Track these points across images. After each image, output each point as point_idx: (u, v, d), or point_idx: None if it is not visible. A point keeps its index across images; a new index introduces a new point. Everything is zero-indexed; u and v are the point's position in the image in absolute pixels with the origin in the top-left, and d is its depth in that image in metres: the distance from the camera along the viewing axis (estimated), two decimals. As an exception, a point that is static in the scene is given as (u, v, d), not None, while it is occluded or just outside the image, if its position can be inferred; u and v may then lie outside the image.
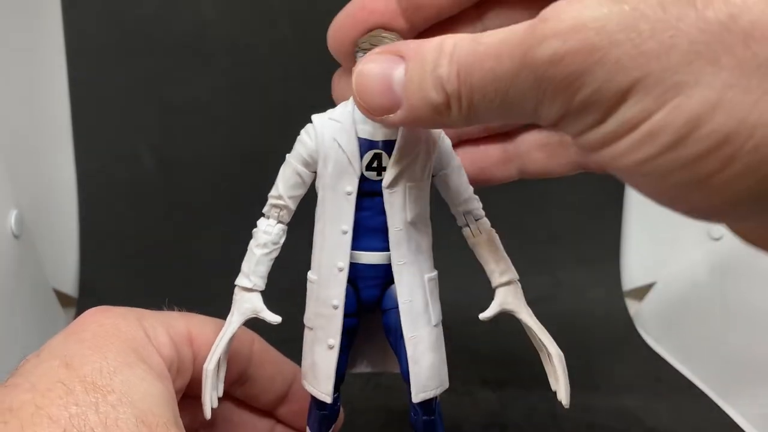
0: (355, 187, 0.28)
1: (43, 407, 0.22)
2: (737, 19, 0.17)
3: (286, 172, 0.29)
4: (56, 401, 0.22)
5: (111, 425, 0.22)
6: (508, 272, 0.29)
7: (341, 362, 0.29)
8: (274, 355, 0.34)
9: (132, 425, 0.23)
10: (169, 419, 0.24)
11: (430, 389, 0.29)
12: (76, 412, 0.22)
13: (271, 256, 0.29)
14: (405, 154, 0.27)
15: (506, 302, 0.29)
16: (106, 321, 0.27)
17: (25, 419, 0.21)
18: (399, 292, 0.28)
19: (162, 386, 0.26)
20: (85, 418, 0.22)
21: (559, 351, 0.29)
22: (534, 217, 0.65)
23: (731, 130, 0.18)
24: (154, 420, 0.23)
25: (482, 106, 0.22)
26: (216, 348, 0.29)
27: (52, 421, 0.22)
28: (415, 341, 0.28)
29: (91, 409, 0.22)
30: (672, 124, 0.18)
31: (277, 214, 0.29)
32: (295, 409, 0.34)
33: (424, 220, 0.29)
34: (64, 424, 0.22)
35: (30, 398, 0.22)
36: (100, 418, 0.22)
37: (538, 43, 0.19)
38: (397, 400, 0.39)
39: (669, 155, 0.19)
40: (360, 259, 0.28)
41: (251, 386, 0.33)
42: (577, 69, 0.19)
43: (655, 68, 0.18)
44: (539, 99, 0.20)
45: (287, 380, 0.34)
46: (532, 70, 0.20)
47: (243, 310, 0.29)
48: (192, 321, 0.31)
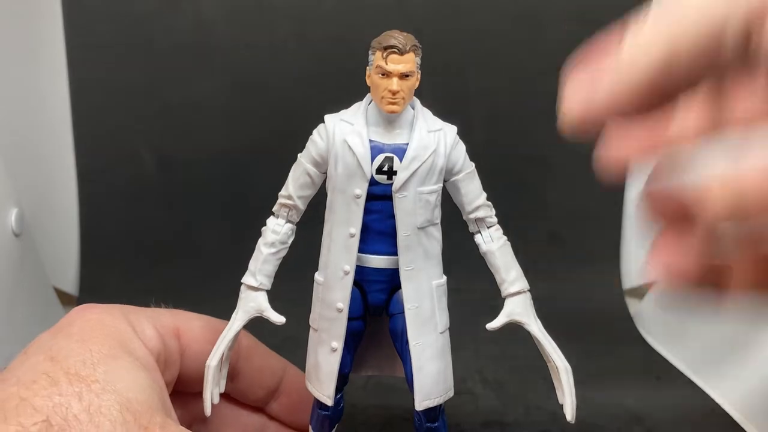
0: (364, 191, 0.27)
1: (27, 398, 0.22)
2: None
3: (296, 171, 0.29)
4: (40, 392, 0.23)
5: (94, 412, 0.23)
6: (518, 282, 0.29)
7: (345, 364, 0.29)
8: (263, 349, 0.34)
9: (116, 412, 0.23)
10: (155, 406, 0.25)
11: (434, 397, 0.29)
12: (60, 401, 0.22)
13: (278, 255, 0.29)
14: (417, 159, 0.27)
15: (515, 313, 0.29)
16: (92, 316, 0.27)
17: (9, 410, 0.22)
18: (405, 297, 0.28)
19: (148, 376, 0.26)
20: (69, 406, 0.22)
21: (566, 365, 0.29)
22: (534, 216, 0.64)
23: None
24: (139, 407, 0.24)
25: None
26: (219, 344, 0.29)
27: (36, 410, 0.22)
28: (420, 348, 0.28)
29: (75, 398, 0.23)
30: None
31: (287, 213, 0.29)
32: (286, 404, 0.34)
33: (434, 225, 0.28)
34: (48, 413, 0.22)
35: (15, 391, 0.23)
36: (83, 405, 0.23)
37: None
38: (398, 399, 0.39)
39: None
40: (367, 262, 0.28)
41: (240, 381, 0.33)
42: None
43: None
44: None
45: (276, 374, 0.34)
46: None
47: (248, 308, 0.29)
48: (179, 317, 0.31)
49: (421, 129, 0.28)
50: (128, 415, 0.23)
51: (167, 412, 0.26)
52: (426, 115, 0.28)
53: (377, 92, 0.27)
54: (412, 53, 0.27)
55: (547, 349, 0.29)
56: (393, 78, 0.27)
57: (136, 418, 0.23)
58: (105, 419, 0.23)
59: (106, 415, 0.23)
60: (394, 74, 0.26)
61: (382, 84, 0.27)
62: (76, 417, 0.22)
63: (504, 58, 0.64)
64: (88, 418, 0.22)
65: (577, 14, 0.63)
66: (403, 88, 0.27)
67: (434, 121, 0.28)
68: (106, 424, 0.22)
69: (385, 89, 0.27)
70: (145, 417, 0.24)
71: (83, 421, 0.22)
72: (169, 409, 0.26)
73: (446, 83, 0.60)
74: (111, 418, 0.23)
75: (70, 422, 0.22)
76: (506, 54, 0.64)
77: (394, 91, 0.27)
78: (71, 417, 0.22)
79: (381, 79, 0.27)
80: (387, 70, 0.26)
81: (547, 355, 0.29)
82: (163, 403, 0.26)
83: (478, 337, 0.50)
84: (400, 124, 0.28)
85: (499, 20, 0.63)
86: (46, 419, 0.22)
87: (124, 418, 0.23)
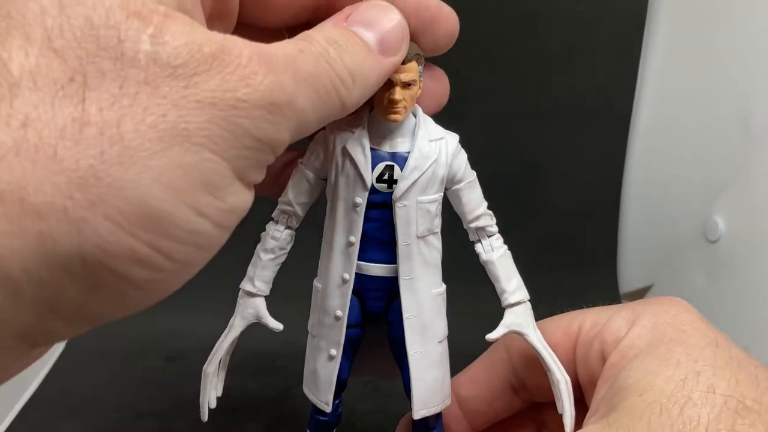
0: (364, 199, 0.27)
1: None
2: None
3: (295, 177, 0.29)
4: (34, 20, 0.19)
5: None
6: (518, 292, 0.29)
7: (343, 371, 0.29)
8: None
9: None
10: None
11: (432, 406, 0.29)
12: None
13: (277, 261, 0.29)
14: (418, 168, 0.27)
15: (515, 323, 0.29)
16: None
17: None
18: (404, 306, 0.28)
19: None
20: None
21: (566, 377, 0.29)
22: (531, 220, 0.64)
23: None
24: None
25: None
26: (216, 351, 0.29)
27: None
28: (418, 357, 0.28)
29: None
30: None
31: (286, 219, 0.29)
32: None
33: (434, 234, 0.28)
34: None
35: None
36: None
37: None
38: (395, 403, 0.38)
39: None
40: (366, 270, 0.28)
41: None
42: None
43: None
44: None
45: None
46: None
47: (245, 314, 0.29)
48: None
49: (423, 138, 0.28)
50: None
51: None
52: (428, 123, 0.28)
53: (379, 101, 0.27)
54: (415, 62, 0.27)
55: (547, 361, 0.29)
56: (396, 87, 0.26)
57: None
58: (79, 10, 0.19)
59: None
60: (397, 83, 0.26)
61: (385, 93, 0.27)
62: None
63: (503, 61, 0.64)
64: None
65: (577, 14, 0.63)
66: (406, 97, 0.27)
67: (436, 129, 0.28)
68: (77, 11, 0.19)
69: (388, 98, 0.27)
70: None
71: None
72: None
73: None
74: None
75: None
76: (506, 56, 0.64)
77: (397, 101, 0.26)
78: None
79: (384, 89, 0.26)
80: (390, 79, 0.26)
81: (546, 366, 0.29)
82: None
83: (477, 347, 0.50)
84: (401, 132, 0.28)
85: (499, 23, 0.63)
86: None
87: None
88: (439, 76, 0.30)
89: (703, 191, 0.55)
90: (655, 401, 0.23)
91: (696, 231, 0.57)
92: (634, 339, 0.27)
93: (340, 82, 0.23)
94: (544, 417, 0.33)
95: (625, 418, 0.23)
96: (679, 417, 0.22)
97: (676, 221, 0.58)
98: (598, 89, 0.65)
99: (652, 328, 0.27)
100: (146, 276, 0.19)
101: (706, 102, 0.56)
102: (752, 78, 0.51)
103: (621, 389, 0.25)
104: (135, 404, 0.49)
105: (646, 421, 0.22)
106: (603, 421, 0.24)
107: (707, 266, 0.56)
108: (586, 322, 0.30)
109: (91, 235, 0.18)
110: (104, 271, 0.19)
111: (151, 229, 0.19)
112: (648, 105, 0.62)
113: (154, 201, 0.19)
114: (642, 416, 0.23)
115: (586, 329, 0.29)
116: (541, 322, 0.30)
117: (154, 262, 0.19)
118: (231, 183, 0.21)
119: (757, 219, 0.50)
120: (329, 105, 0.23)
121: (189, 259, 0.21)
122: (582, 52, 0.64)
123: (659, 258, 0.62)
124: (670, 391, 0.23)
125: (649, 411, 0.23)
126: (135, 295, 0.20)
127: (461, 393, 0.32)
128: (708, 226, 0.54)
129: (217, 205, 0.20)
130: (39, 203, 0.17)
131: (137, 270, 0.19)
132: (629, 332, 0.27)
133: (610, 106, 0.64)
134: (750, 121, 0.51)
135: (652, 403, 0.23)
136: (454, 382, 0.31)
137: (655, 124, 0.62)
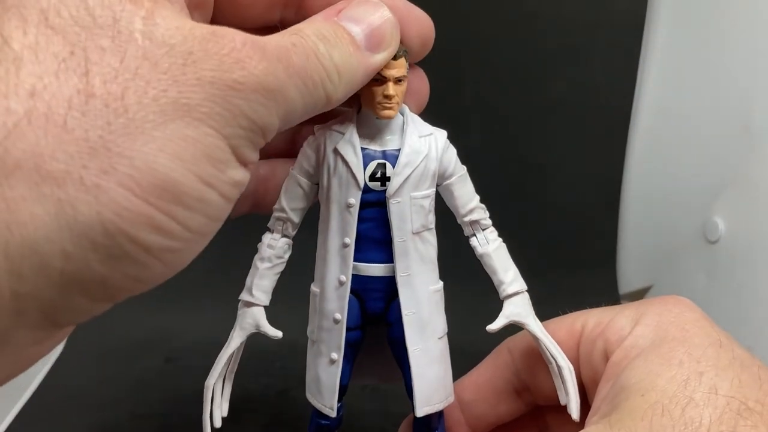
0: (357, 200, 0.27)
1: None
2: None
3: (288, 184, 0.29)
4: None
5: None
6: (515, 283, 0.29)
7: (344, 375, 0.29)
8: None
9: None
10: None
11: (434, 403, 0.29)
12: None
13: (275, 270, 0.29)
14: (410, 164, 0.27)
15: (514, 313, 0.29)
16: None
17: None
18: (403, 304, 0.28)
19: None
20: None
21: (569, 364, 0.29)
22: (530, 221, 0.64)
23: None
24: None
25: None
26: (217, 364, 0.28)
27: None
28: (418, 353, 0.28)
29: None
30: None
31: (281, 227, 0.29)
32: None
33: (429, 230, 0.28)
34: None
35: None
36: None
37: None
38: (395, 405, 0.38)
39: None
40: (363, 271, 0.28)
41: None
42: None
43: None
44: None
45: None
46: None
47: (244, 325, 0.29)
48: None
49: (412, 134, 0.28)
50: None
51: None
52: (416, 120, 0.29)
53: (372, 99, 0.27)
54: (403, 58, 0.27)
55: (549, 348, 0.29)
56: (389, 83, 0.27)
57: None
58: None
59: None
60: (390, 79, 0.27)
61: (378, 90, 0.27)
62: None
63: (502, 62, 0.64)
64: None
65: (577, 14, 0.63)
66: (398, 93, 0.27)
67: (424, 126, 0.29)
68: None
69: (382, 94, 0.27)
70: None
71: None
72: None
73: (444, 86, 0.60)
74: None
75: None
76: (506, 56, 0.64)
77: (391, 95, 0.27)
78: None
79: (376, 85, 0.27)
80: (382, 75, 0.27)
81: (548, 354, 0.29)
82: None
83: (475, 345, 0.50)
84: (391, 130, 0.28)
85: (498, 24, 0.63)
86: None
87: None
88: (421, 75, 0.30)
89: (702, 192, 0.55)
90: (657, 402, 0.23)
91: (696, 232, 0.57)
92: (638, 338, 0.27)
93: (327, 78, 0.24)
94: (547, 420, 0.33)
95: (626, 419, 0.23)
96: (680, 418, 0.22)
97: (676, 222, 0.58)
98: (598, 89, 0.65)
99: (655, 327, 0.27)
100: (164, 244, 0.20)
101: (706, 103, 0.56)
102: (752, 79, 0.51)
103: (623, 389, 0.25)
104: (134, 404, 0.49)
105: (647, 421, 0.22)
106: (605, 420, 0.24)
107: (707, 267, 0.56)
108: (590, 321, 0.30)
109: (108, 203, 0.18)
110: (124, 238, 0.19)
111: (163, 196, 0.19)
112: (648, 105, 0.62)
113: (163, 170, 0.19)
114: (644, 417, 0.23)
115: (590, 328, 0.29)
116: (544, 323, 0.30)
117: (170, 229, 0.20)
118: (230, 158, 0.21)
119: (757, 220, 0.49)
120: (316, 98, 0.24)
121: (201, 228, 0.21)
122: (582, 52, 0.64)
123: (659, 258, 0.62)
124: (672, 392, 0.23)
125: (651, 411, 0.23)
126: (154, 265, 0.20)
127: (464, 397, 0.32)
128: (708, 226, 0.54)
129: (221, 176, 0.21)
130: (55, 170, 0.18)
131: (155, 237, 0.20)
132: (632, 331, 0.27)
133: (610, 106, 0.64)
134: (750, 121, 0.51)
135: (654, 404, 0.23)
136: (457, 386, 0.31)
137: (655, 125, 0.62)
